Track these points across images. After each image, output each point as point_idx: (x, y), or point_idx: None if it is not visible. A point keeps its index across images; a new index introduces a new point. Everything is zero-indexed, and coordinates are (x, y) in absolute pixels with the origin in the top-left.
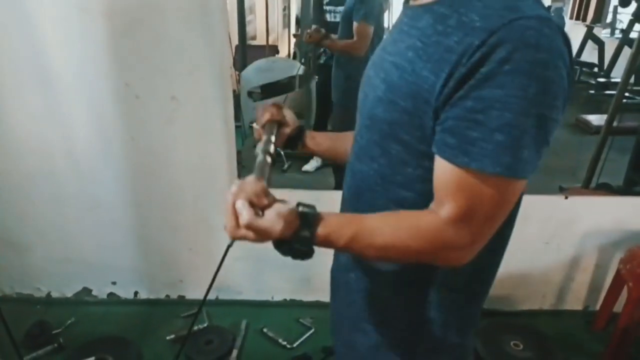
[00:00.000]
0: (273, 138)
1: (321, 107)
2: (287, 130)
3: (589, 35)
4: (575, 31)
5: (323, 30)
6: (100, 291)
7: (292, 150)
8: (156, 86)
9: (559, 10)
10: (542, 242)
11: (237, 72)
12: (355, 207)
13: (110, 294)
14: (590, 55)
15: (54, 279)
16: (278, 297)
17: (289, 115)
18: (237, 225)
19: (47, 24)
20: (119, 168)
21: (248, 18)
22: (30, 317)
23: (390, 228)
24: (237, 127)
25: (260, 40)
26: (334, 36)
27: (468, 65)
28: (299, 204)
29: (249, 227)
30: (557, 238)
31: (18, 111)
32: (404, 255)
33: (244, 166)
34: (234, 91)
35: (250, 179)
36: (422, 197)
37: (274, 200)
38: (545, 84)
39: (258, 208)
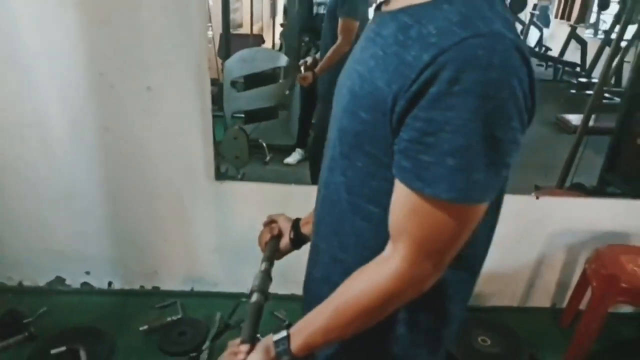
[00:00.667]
0: (275, 247)
1: (306, 100)
2: (286, 239)
3: (573, 35)
4: (559, 30)
5: (311, 67)
6: (74, 280)
7: (298, 249)
8: (131, 76)
9: (545, 9)
10: (513, 241)
11: (220, 61)
12: (326, 220)
13: (84, 284)
14: (573, 54)
15: (26, 267)
16: None
17: (283, 224)
18: None
19: (22, 9)
20: (93, 157)
21: (235, 5)
22: (1, 306)
23: (347, 306)
24: (219, 116)
25: (246, 29)
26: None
27: (419, 83)
28: (273, 338)
29: None
30: (527, 237)
31: None
32: (380, 313)
33: (223, 157)
34: (217, 80)
35: (235, 344)
36: (388, 213)
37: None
38: (498, 104)
39: None
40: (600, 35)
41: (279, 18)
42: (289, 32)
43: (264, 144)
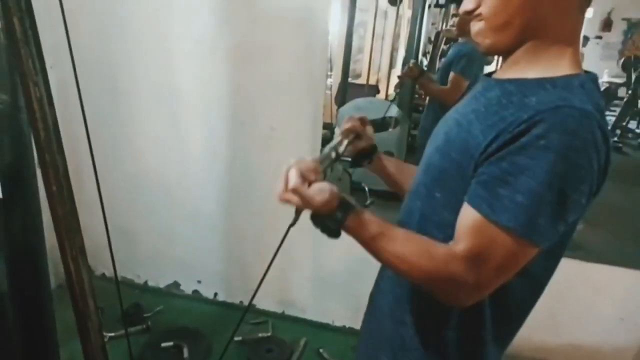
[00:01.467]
0: (346, 142)
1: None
2: (362, 144)
3: None
4: None
5: (422, 67)
6: (187, 287)
7: (359, 165)
8: (259, 116)
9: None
10: (616, 318)
11: (336, 107)
12: None
13: (195, 291)
14: None
15: (152, 269)
16: (338, 323)
17: (369, 131)
18: (285, 189)
19: (183, 52)
20: (220, 181)
21: (357, 57)
22: (129, 299)
23: (409, 243)
24: None
25: (365, 79)
26: (433, 76)
27: (513, 133)
28: (342, 195)
29: (294, 191)
30: (634, 315)
31: (149, 122)
32: (412, 271)
33: None
34: (330, 124)
35: (307, 158)
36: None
37: (322, 180)
38: (574, 166)
39: (307, 180)
40: None
41: (397, 70)
42: (404, 84)
43: (366, 188)
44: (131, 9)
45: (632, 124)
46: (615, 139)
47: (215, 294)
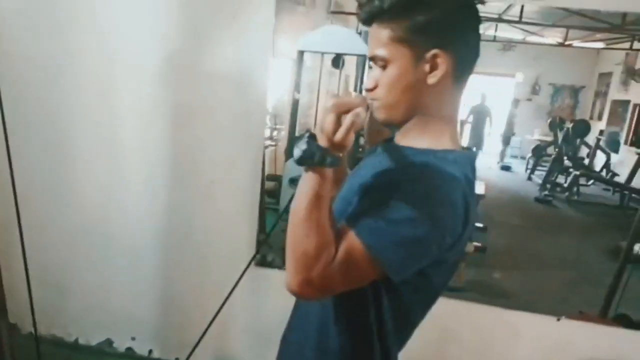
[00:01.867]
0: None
1: None
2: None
3: None
4: (628, 156)
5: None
6: (121, 344)
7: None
8: (201, 170)
9: (614, 135)
10: None
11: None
12: None
13: (128, 349)
14: None
15: (84, 325)
16: None
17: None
18: (344, 111)
19: (126, 108)
20: (159, 233)
21: (308, 112)
22: (57, 358)
23: (326, 224)
24: (275, 209)
25: None
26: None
27: (395, 178)
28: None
29: (346, 123)
30: None
31: (89, 170)
32: (304, 239)
33: (270, 247)
34: (279, 176)
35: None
36: None
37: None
38: (431, 215)
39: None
40: None
41: None
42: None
43: None
44: (75, 61)
45: (561, 179)
46: (546, 192)
47: (150, 351)
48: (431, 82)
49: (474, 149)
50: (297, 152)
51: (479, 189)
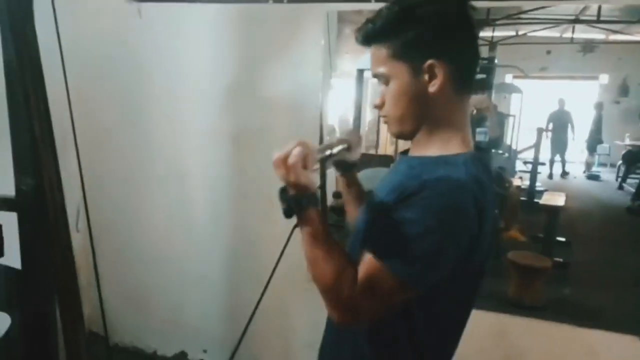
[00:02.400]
0: (341, 147)
1: None
2: (350, 157)
3: None
4: None
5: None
6: (194, 356)
7: (340, 170)
8: (260, 189)
9: None
10: None
11: None
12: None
13: None
14: None
15: (161, 338)
16: None
17: (359, 150)
18: (284, 160)
19: (191, 137)
20: (224, 252)
21: (375, 128)
22: None
23: (333, 254)
24: (341, 226)
25: (382, 150)
26: None
27: (405, 195)
28: (319, 189)
29: (292, 166)
30: None
31: (157, 197)
32: (321, 276)
33: None
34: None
35: (311, 146)
36: None
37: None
38: (446, 224)
39: (303, 163)
40: None
41: None
42: None
43: None
44: (146, 100)
45: None
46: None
47: None
48: (432, 91)
49: (557, 156)
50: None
51: (558, 200)
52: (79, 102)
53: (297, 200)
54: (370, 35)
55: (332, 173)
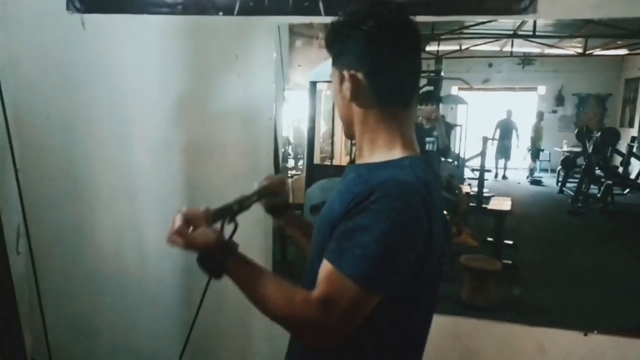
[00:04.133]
0: (254, 198)
1: None
2: (277, 201)
3: None
4: None
5: None
6: None
7: (274, 216)
8: (213, 205)
9: None
10: None
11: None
12: None
13: None
14: None
15: None
16: None
17: (286, 192)
18: (171, 233)
19: (140, 153)
20: (177, 271)
21: (329, 140)
22: None
23: (276, 287)
24: None
25: (337, 161)
26: None
27: (356, 201)
28: (229, 239)
29: (178, 233)
30: None
31: (106, 217)
32: (274, 311)
33: (293, 275)
34: (299, 205)
35: (200, 208)
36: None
37: (208, 226)
38: (398, 225)
39: (191, 225)
40: None
41: None
42: None
43: None
44: (91, 114)
45: (595, 190)
46: (579, 204)
47: None
48: (345, 97)
49: (503, 160)
50: None
51: (504, 205)
52: (17, 120)
53: (209, 261)
54: (325, 46)
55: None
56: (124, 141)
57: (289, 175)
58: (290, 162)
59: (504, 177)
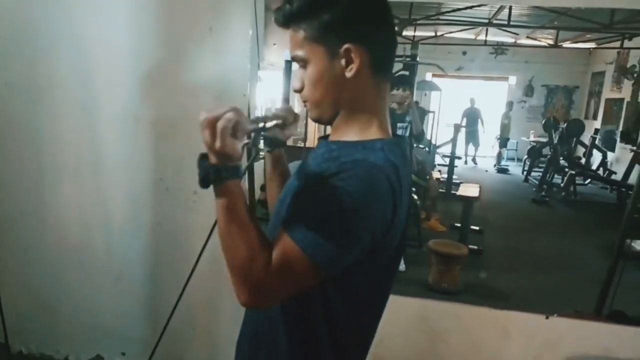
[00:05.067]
0: (274, 122)
1: None
2: (281, 135)
3: (637, 160)
4: (624, 154)
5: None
6: None
7: (268, 145)
8: (182, 181)
9: (610, 133)
10: None
11: None
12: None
13: None
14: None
15: (73, 342)
16: None
17: (294, 128)
18: (213, 122)
19: (107, 126)
20: (144, 248)
21: (303, 122)
22: None
23: (248, 232)
24: (266, 220)
25: (310, 143)
26: None
27: (323, 176)
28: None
29: (220, 131)
30: (540, 359)
31: (70, 191)
32: (233, 254)
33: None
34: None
35: (251, 119)
36: None
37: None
38: (358, 205)
39: (232, 131)
40: None
41: None
42: None
43: None
44: (54, 83)
45: (558, 179)
46: (543, 193)
47: None
48: (349, 76)
49: (472, 146)
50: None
51: (473, 191)
52: None
53: (216, 170)
54: (287, 16)
55: (260, 166)
56: (89, 112)
57: (261, 157)
58: (262, 143)
59: (474, 161)
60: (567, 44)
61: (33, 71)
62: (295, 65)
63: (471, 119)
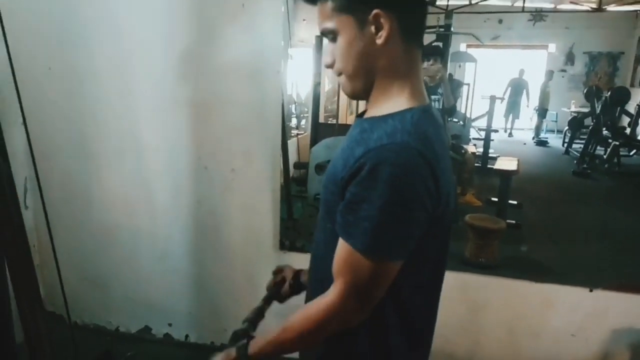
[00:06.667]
0: (263, 304)
1: None
2: (287, 285)
3: None
4: None
5: None
6: (158, 331)
7: (297, 294)
8: (221, 160)
9: None
10: (568, 334)
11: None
12: (313, 270)
13: (166, 335)
14: None
15: (123, 315)
16: None
17: (287, 272)
18: None
19: (147, 109)
20: (186, 225)
21: (333, 99)
22: (100, 346)
23: (293, 326)
24: (303, 197)
25: (342, 120)
26: None
27: (353, 168)
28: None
29: None
30: (583, 331)
31: (114, 174)
32: (312, 337)
33: (299, 233)
34: (307, 163)
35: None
36: None
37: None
38: (401, 190)
39: None
40: None
41: None
42: None
43: None
44: (93, 67)
45: (601, 151)
46: (584, 165)
47: (187, 336)
48: (380, 43)
49: (511, 117)
50: None
51: (511, 165)
52: (22, 71)
53: None
54: None
55: (293, 144)
56: (130, 96)
57: (293, 134)
58: (293, 121)
59: (510, 134)
60: (611, 7)
61: (73, 56)
62: (325, 41)
63: (516, 89)
